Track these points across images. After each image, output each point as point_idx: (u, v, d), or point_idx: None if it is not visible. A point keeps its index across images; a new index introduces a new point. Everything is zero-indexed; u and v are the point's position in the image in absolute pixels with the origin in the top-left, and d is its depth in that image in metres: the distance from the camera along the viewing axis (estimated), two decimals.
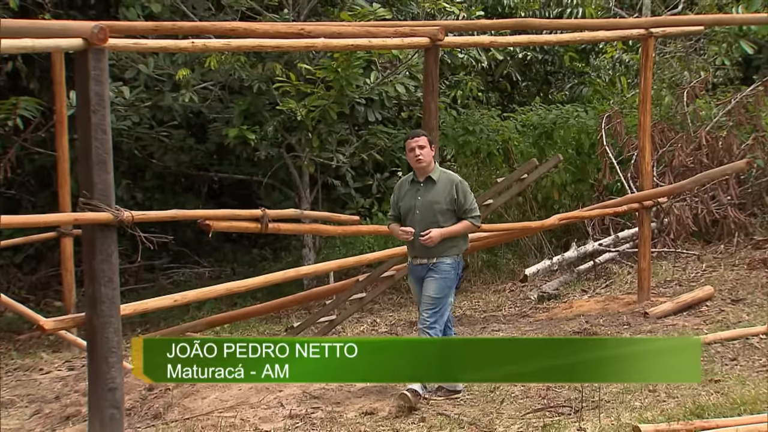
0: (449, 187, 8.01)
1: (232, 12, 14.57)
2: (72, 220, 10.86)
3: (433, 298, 7.95)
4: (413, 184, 8.14)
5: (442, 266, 7.98)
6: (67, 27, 8.01)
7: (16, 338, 13.26)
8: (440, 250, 7.96)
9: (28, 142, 15.29)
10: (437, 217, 7.95)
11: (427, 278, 7.99)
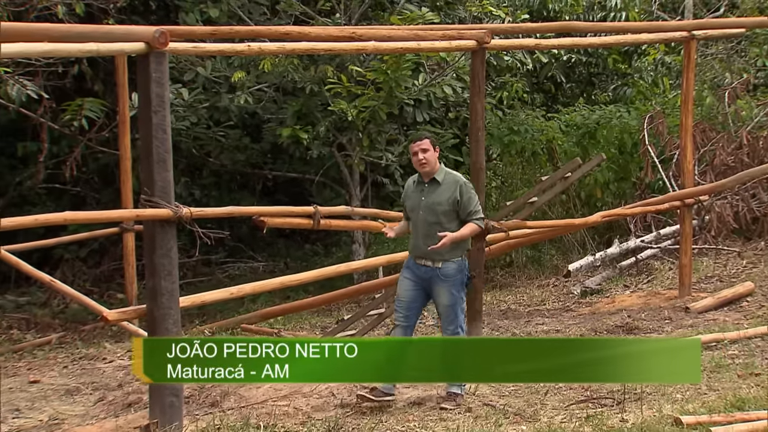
0: (453, 188, 7.82)
1: (286, 16, 14.61)
2: (134, 217, 10.99)
3: (448, 307, 7.81)
4: (419, 185, 7.97)
5: (448, 271, 7.77)
6: (129, 31, 8.08)
7: (81, 329, 13.38)
8: (448, 253, 7.74)
9: (92, 142, 15.42)
10: (440, 218, 7.75)
11: (437, 286, 7.79)
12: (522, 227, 10.97)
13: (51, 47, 8.14)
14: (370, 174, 15.86)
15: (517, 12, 15.68)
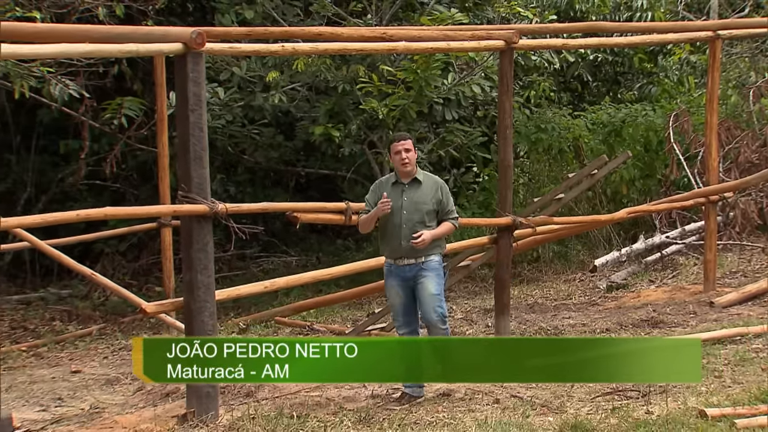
0: (435, 189, 7.75)
1: (319, 17, 14.63)
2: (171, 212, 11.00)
3: (435, 295, 7.66)
4: (396, 186, 7.75)
5: (432, 264, 7.69)
6: (167, 33, 8.12)
7: (120, 320, 13.47)
8: (429, 249, 7.65)
9: (131, 140, 15.49)
10: (424, 218, 7.64)
11: (422, 278, 7.65)
12: (549, 223, 10.95)
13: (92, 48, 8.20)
14: None
15: (545, 12, 15.62)
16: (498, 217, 10.14)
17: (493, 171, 15.38)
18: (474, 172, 16.54)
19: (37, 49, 8.39)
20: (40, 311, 14.32)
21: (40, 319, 13.96)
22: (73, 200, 16.28)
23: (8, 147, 16.50)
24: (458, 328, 10.84)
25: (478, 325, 11.03)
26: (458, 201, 16.03)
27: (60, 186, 16.46)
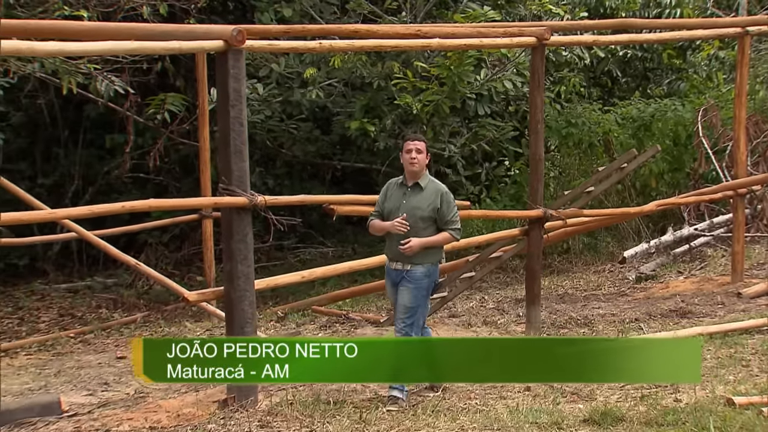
0: (434, 196, 7.44)
1: (355, 15, 14.63)
2: (212, 204, 11.07)
3: (408, 308, 7.38)
4: (401, 187, 7.58)
5: (415, 275, 7.39)
6: (209, 30, 8.15)
7: (163, 308, 13.54)
8: (417, 258, 7.37)
9: (174, 134, 15.57)
10: (417, 223, 7.36)
11: (401, 287, 7.42)
12: (579, 215, 10.90)
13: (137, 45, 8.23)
14: (433, 164, 15.78)
15: (576, 10, 15.54)
16: (529, 209, 10.09)
17: (524, 165, 15.32)
18: (505, 165, 16.49)
19: (84, 47, 8.44)
20: (87, 299, 14.44)
21: (87, 306, 14.08)
22: (118, 192, 16.38)
23: (56, 141, 16.63)
24: (490, 317, 10.80)
25: (509, 315, 10.99)
26: (490, 194, 16.01)
27: (106, 179, 16.57)
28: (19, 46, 8.10)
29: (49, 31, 8.48)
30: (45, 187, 16.06)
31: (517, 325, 10.30)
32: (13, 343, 11.88)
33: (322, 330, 10.35)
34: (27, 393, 8.98)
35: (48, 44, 7.97)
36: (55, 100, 15.38)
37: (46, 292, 14.84)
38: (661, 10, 16.84)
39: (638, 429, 6.32)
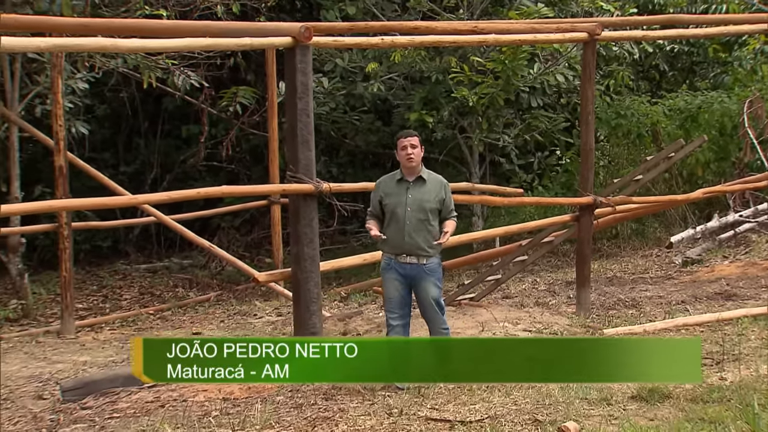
0: (438, 187, 7.18)
1: (415, 13, 14.59)
2: (280, 191, 11.13)
3: (437, 301, 7.15)
4: (401, 183, 7.17)
5: (432, 266, 7.11)
6: (279, 27, 8.19)
7: (235, 288, 13.67)
8: (430, 249, 7.09)
9: (245, 125, 15.69)
10: (428, 216, 7.07)
11: (423, 282, 7.09)
12: (628, 202, 10.77)
13: (211, 42, 8.31)
14: (488, 154, 15.76)
15: (626, 6, 15.32)
16: (580, 196, 10.00)
17: (575, 154, 15.18)
18: (557, 155, 16.37)
19: (163, 43, 8.53)
20: (165, 279, 14.64)
21: (165, 286, 14.27)
22: (194, 179, 16.56)
23: (137, 132, 16.86)
24: (542, 298, 10.74)
25: (560, 296, 10.91)
26: (542, 181, 15.90)
27: (182, 167, 16.75)
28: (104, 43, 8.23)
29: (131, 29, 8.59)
30: (126, 174, 16.29)
31: (568, 306, 10.22)
32: (98, 319, 12.10)
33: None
34: (111, 365, 9.12)
35: (130, 41, 8.08)
36: (136, 93, 15.58)
37: (127, 272, 15.06)
38: (707, 5, 16.51)
39: (684, 405, 6.24)
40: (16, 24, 8.43)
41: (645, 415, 6.12)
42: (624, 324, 9.18)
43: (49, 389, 8.19)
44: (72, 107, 13.20)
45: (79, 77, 13.22)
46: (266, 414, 6.52)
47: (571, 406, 6.25)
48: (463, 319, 9.27)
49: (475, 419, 6.05)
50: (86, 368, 9.04)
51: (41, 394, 8.04)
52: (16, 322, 12.05)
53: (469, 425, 5.93)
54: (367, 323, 9.35)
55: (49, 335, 11.03)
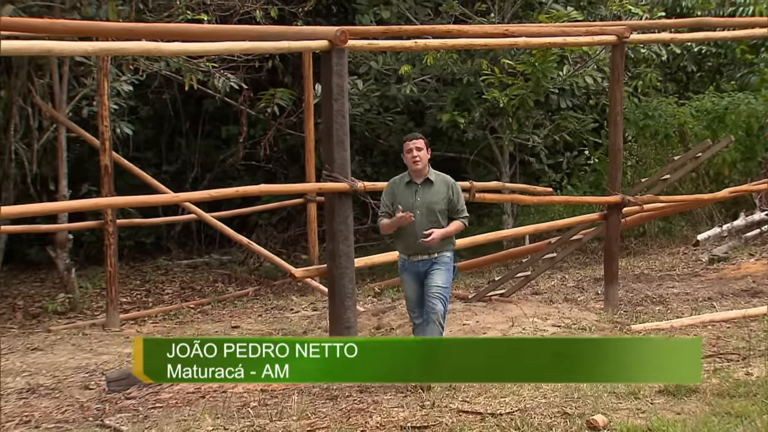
0: (445, 188, 7.10)
1: (447, 16, 14.55)
2: (316, 189, 11.17)
3: (442, 288, 7.02)
4: (410, 185, 7.11)
5: (444, 259, 7.06)
6: (315, 31, 8.21)
7: (272, 283, 13.71)
8: (441, 246, 7.03)
9: (282, 126, 15.74)
10: (437, 217, 7.01)
11: (433, 271, 7.02)
12: (655, 201, 10.70)
13: (251, 45, 8.35)
14: (518, 153, 15.70)
15: (654, 9, 15.18)
16: (608, 195, 9.94)
17: (604, 154, 15.07)
18: (585, 155, 16.27)
19: (204, 47, 8.58)
20: (205, 274, 14.72)
21: (205, 281, 14.35)
22: (232, 178, 16.63)
23: (179, 132, 16.97)
24: (571, 295, 10.69)
25: (588, 293, 10.85)
26: (571, 181, 15.81)
27: (221, 166, 16.83)
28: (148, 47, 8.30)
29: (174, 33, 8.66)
30: (169, 173, 16.40)
31: (596, 302, 10.16)
32: (141, 312, 12.21)
33: None
34: None
35: (173, 45, 8.14)
36: (178, 95, 15.68)
37: (169, 268, 15.16)
38: (735, 8, 16.33)
39: (711, 400, 6.18)
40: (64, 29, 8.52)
41: (672, 409, 6.07)
42: (651, 320, 9.11)
43: (95, 380, 8.28)
44: (117, 108, 13.32)
45: (124, 80, 13.34)
46: (302, 405, 6.55)
47: (599, 400, 6.22)
48: (494, 314, 9.25)
49: (506, 412, 6.04)
50: (130, 360, 9.10)
51: (88, 385, 8.13)
52: (64, 315, 12.19)
53: (500, 417, 5.92)
54: (399, 318, 9.34)
55: (95, 327, 11.14)
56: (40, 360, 9.28)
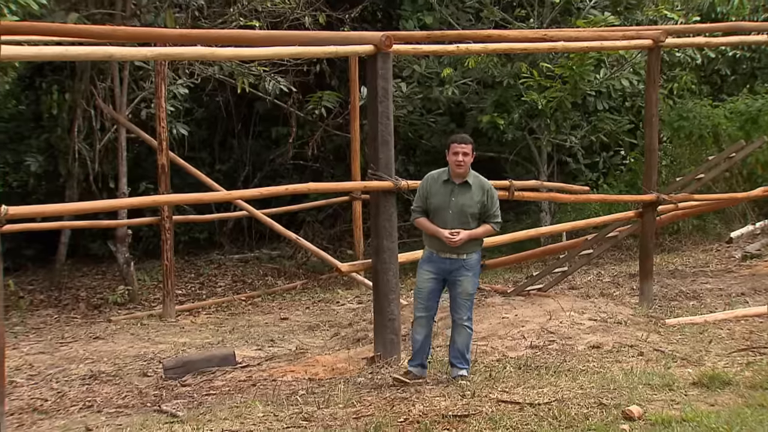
0: (481, 193, 6.91)
1: (488, 22, 14.48)
2: (362, 187, 11.19)
3: (470, 294, 6.91)
4: (447, 184, 6.94)
5: (471, 262, 6.88)
6: (361, 37, 8.22)
7: (319, 277, 13.76)
8: (470, 247, 6.85)
9: (329, 127, 15.78)
10: (468, 219, 6.83)
11: (461, 276, 6.85)
12: (689, 200, 10.58)
13: (300, 50, 8.39)
14: (556, 154, 15.58)
15: (689, 15, 14.99)
16: (643, 194, 9.84)
17: (639, 154, 14.91)
18: (621, 155, 16.12)
19: (256, 52, 8.64)
20: (256, 268, 14.80)
21: (256, 274, 14.44)
22: (282, 177, 16.69)
23: (231, 133, 17.07)
24: (606, 290, 10.58)
25: (624, 288, 10.74)
26: (607, 180, 15.67)
27: (271, 165, 16.90)
28: (203, 52, 8.37)
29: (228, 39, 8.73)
30: (221, 172, 16.50)
31: (631, 297, 10.06)
32: (195, 304, 12.33)
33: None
34: (207, 346, 9.30)
35: (226, 50, 8.20)
36: (231, 97, 15.77)
37: (221, 262, 15.28)
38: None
39: (744, 392, 6.11)
40: (125, 35, 8.63)
41: (705, 400, 6.01)
42: (685, 314, 9.01)
43: (152, 367, 8.38)
44: (173, 110, 13.45)
45: (180, 83, 13.48)
46: (348, 393, 6.57)
47: (634, 391, 6.17)
48: (532, 308, 9.20)
49: (543, 402, 6.01)
50: (185, 349, 9.23)
51: (146, 372, 8.24)
52: (123, 306, 12.36)
53: (538, 407, 5.89)
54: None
55: (152, 318, 11.28)
56: (101, 348, 9.42)
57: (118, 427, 6.35)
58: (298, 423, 5.89)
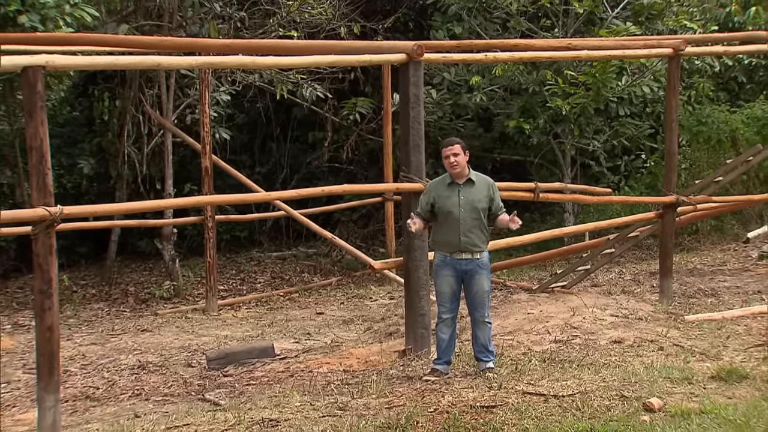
0: (486, 188, 6.85)
1: (515, 32, 14.42)
2: (394, 189, 11.18)
3: (486, 292, 6.83)
4: (452, 186, 6.84)
5: (484, 260, 6.81)
6: (394, 46, 8.22)
7: (353, 274, 13.78)
8: (481, 246, 6.78)
9: (363, 131, 15.80)
10: (480, 214, 6.76)
11: (477, 275, 6.76)
12: (708, 201, 10.47)
13: (336, 59, 8.41)
14: (579, 157, 15.48)
15: (708, 24, 14.83)
16: (663, 196, 9.75)
17: (659, 158, 14.77)
18: (642, 158, 15.99)
19: (294, 60, 8.68)
20: (293, 265, 14.85)
21: (293, 271, 14.48)
22: (318, 179, 16.74)
23: (270, 137, 17.14)
24: (628, 287, 10.50)
25: (644, 285, 10.65)
26: (628, 182, 15.55)
27: (308, 168, 16.95)
28: (244, 61, 8.42)
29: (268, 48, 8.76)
30: (261, 174, 16.59)
31: (652, 294, 9.98)
32: (236, 299, 12.40)
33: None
34: (247, 339, 9.34)
35: (267, 59, 8.24)
36: (270, 104, 15.84)
37: (261, 259, 15.35)
38: None
39: (761, 385, 6.03)
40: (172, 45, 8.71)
41: (724, 393, 5.94)
42: (704, 311, 8.92)
43: (196, 358, 8.44)
44: (216, 116, 13.55)
45: (223, 90, 13.57)
46: (381, 384, 6.58)
47: (654, 384, 6.11)
48: (556, 304, 9.16)
49: (567, 394, 5.97)
50: (227, 341, 9.28)
51: (190, 363, 8.30)
52: (169, 301, 12.46)
53: (562, 399, 5.85)
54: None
55: (196, 312, 11.36)
56: (148, 340, 9.50)
57: (165, 414, 6.40)
58: (333, 412, 5.90)
